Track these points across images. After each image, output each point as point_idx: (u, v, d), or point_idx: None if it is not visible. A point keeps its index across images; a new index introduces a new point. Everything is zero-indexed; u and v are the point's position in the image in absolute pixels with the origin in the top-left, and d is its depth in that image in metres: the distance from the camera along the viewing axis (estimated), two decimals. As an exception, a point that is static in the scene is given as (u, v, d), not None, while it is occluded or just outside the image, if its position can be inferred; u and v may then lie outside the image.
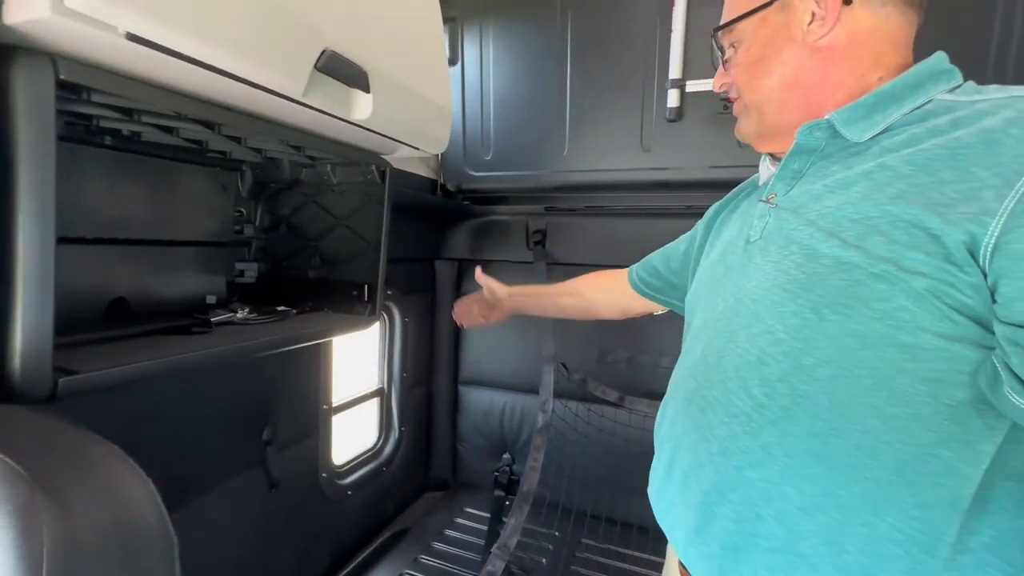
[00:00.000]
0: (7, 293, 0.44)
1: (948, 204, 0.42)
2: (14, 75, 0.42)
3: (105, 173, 0.79)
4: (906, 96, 0.50)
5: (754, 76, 0.58)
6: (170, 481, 0.93)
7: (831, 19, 0.52)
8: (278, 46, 0.54)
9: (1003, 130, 0.42)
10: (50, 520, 0.28)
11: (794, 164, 0.56)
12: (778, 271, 0.52)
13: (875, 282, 0.45)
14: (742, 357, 0.54)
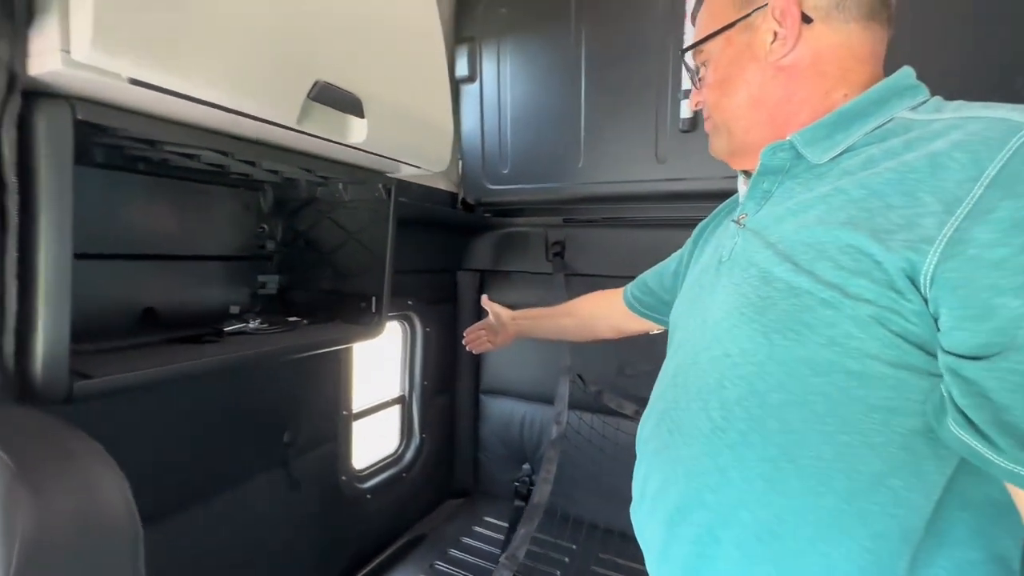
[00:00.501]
0: (30, 306, 0.51)
1: (892, 230, 0.41)
2: (37, 117, 0.49)
3: (140, 196, 0.88)
4: (869, 114, 0.49)
5: (721, 95, 0.59)
6: (198, 477, 1.00)
7: (792, 38, 0.51)
8: (268, 80, 0.59)
9: (948, 154, 0.41)
10: (26, 506, 0.32)
11: (763, 184, 0.56)
12: (737, 294, 0.52)
13: (823, 308, 0.44)
14: (703, 379, 0.54)
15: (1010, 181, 0.37)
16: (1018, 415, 0.36)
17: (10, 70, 0.45)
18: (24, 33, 0.45)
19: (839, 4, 0.51)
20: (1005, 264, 0.36)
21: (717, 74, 0.58)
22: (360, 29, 0.73)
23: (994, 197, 0.37)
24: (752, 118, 0.56)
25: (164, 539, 0.93)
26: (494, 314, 1.21)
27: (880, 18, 0.51)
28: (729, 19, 0.56)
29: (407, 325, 1.77)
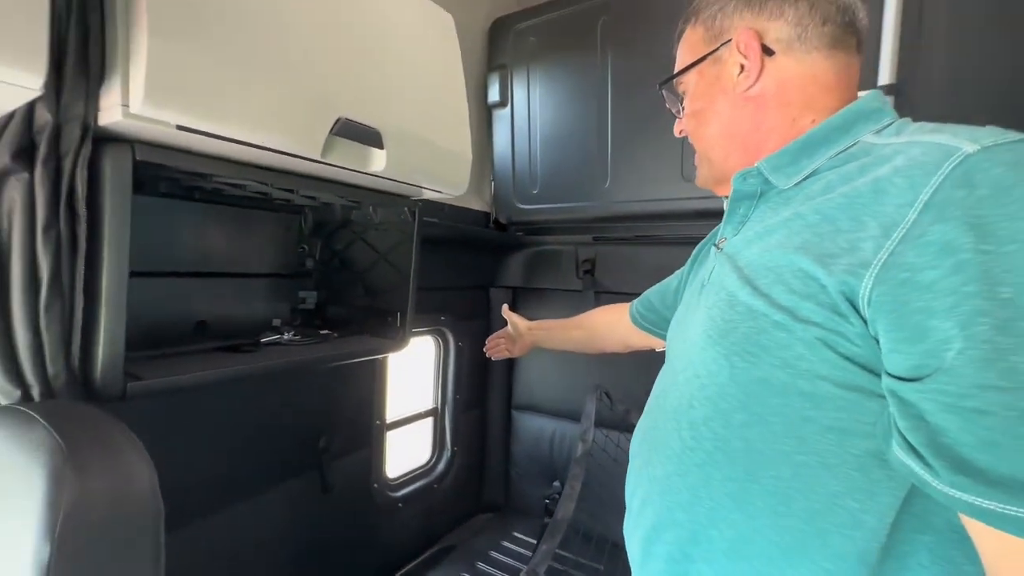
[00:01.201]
0: (93, 317, 0.60)
1: (836, 254, 0.42)
2: (104, 160, 0.59)
3: (196, 220, 0.99)
4: (832, 139, 0.50)
5: (698, 126, 0.61)
6: (239, 476, 1.09)
7: (755, 70, 0.54)
8: (295, 121, 0.67)
9: (889, 179, 0.41)
10: (70, 483, 0.39)
11: (739, 209, 0.58)
12: (708, 317, 0.53)
13: (776, 330, 0.45)
14: (678, 400, 0.55)
15: (941, 206, 0.37)
16: (952, 437, 0.36)
17: (84, 123, 0.55)
18: (96, 93, 0.55)
19: (800, 36, 0.52)
20: (935, 286, 0.36)
21: (693, 105, 0.61)
22: (381, 67, 0.81)
23: (925, 221, 0.37)
24: (727, 146, 0.58)
25: (205, 534, 1.02)
26: (512, 324, 1.28)
27: (845, 46, 0.53)
28: (700, 53, 0.59)
29: (440, 340, 1.83)
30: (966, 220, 0.36)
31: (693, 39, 0.61)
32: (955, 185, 0.37)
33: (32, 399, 0.55)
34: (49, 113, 0.52)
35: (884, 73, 1.11)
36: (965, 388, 0.35)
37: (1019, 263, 0.34)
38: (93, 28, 0.53)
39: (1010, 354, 0.34)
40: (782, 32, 0.53)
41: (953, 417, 0.36)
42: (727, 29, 0.56)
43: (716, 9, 0.58)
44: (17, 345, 0.53)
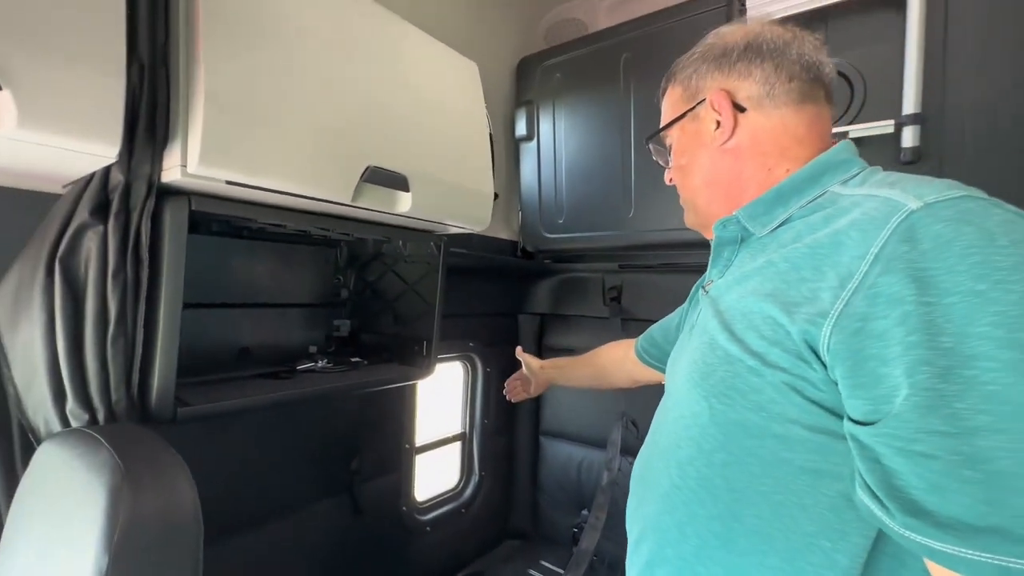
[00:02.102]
0: (151, 350, 0.68)
1: (799, 303, 0.44)
2: (165, 210, 0.67)
3: (243, 256, 1.09)
4: (803, 189, 0.53)
5: (683, 176, 0.66)
6: (274, 495, 1.16)
7: (729, 126, 0.58)
8: (328, 172, 0.74)
9: (846, 231, 0.44)
10: (127, 499, 0.45)
11: (723, 253, 0.61)
12: (692, 360, 0.56)
13: (750, 375, 0.47)
14: (668, 438, 0.58)
15: (888, 258, 0.39)
16: (903, 480, 0.37)
17: (150, 181, 0.63)
18: (160, 155, 0.63)
19: (769, 94, 0.56)
20: (885, 336, 0.38)
21: (678, 158, 0.66)
22: (409, 117, 0.88)
23: (875, 273, 0.40)
24: (710, 195, 0.62)
25: (242, 550, 1.08)
26: (526, 364, 1.31)
27: (813, 99, 0.56)
28: (680, 111, 0.64)
29: (468, 366, 1.88)
30: (909, 273, 0.38)
31: (674, 98, 0.66)
32: (900, 240, 0.39)
33: (98, 422, 0.63)
34: (121, 174, 0.61)
35: (908, 103, 1.10)
36: (911, 433, 0.36)
37: (958, 314, 0.36)
38: (160, 102, 0.62)
39: (953, 400, 0.35)
40: (751, 91, 0.57)
41: (904, 460, 0.37)
42: (702, 89, 0.61)
43: (691, 71, 0.62)
44: (88, 375, 0.61)
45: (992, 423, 0.34)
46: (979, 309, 0.35)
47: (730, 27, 0.62)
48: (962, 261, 0.36)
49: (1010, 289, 0.35)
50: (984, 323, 0.35)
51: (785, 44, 0.57)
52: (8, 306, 0.62)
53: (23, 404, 0.63)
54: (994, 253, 0.36)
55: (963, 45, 1.06)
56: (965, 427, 0.35)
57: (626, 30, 1.55)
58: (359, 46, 0.81)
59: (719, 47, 0.61)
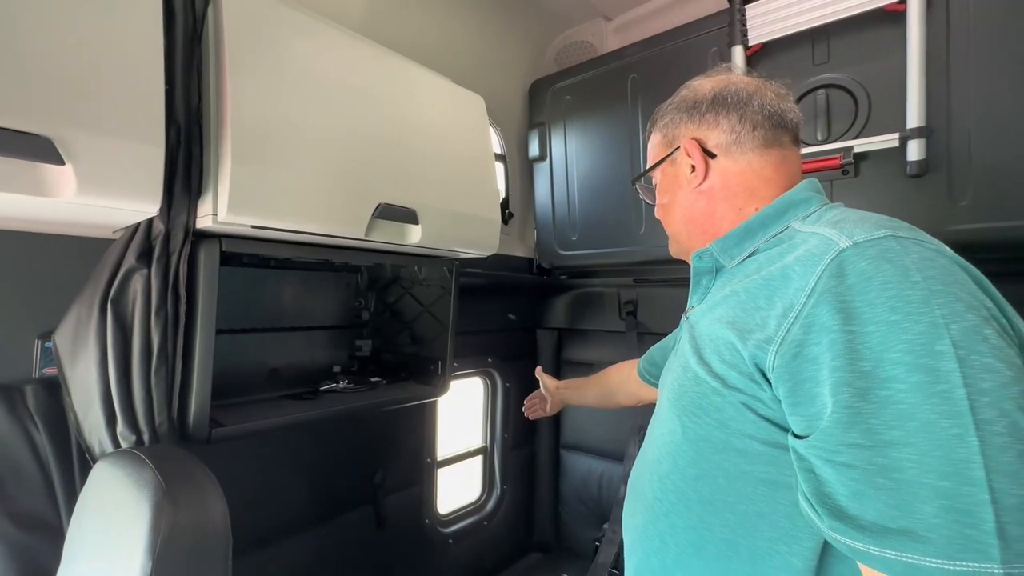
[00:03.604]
0: (188, 377, 0.76)
1: (752, 330, 0.49)
2: (199, 252, 0.75)
3: (271, 284, 1.18)
4: (768, 225, 0.59)
5: (666, 213, 0.72)
6: (300, 507, 1.23)
7: (701, 171, 0.64)
8: (343, 212, 0.82)
9: (791, 266, 0.48)
10: (167, 513, 0.52)
11: (702, 281, 0.65)
12: (671, 380, 0.61)
13: (713, 395, 0.52)
14: (652, 454, 0.62)
15: (821, 291, 0.44)
16: (831, 488, 0.41)
17: (186, 227, 0.72)
18: (194, 205, 0.72)
19: (736, 141, 0.62)
20: (817, 360, 0.42)
21: (661, 197, 0.72)
22: (417, 155, 0.95)
23: (810, 304, 0.44)
24: (689, 231, 0.68)
25: (270, 561, 1.15)
26: (543, 384, 1.38)
27: (778, 143, 0.62)
28: (660, 155, 0.70)
29: (488, 381, 1.93)
30: (836, 304, 0.42)
31: (655, 143, 0.73)
32: (831, 275, 0.44)
33: (143, 443, 0.71)
34: (162, 224, 0.70)
35: (912, 117, 1.10)
36: (835, 445, 0.41)
37: (875, 341, 0.40)
38: (195, 158, 0.70)
39: (870, 417, 0.39)
40: (720, 139, 0.63)
41: (830, 470, 0.41)
42: (677, 137, 0.67)
43: (668, 120, 0.69)
44: (135, 402, 0.69)
45: (902, 437, 0.38)
46: (893, 337, 0.39)
47: (701, 79, 0.69)
48: (881, 295, 0.41)
49: (918, 320, 0.39)
50: (896, 349, 0.39)
51: (748, 96, 0.62)
52: (69, 341, 0.71)
53: (81, 427, 0.72)
54: (907, 288, 0.41)
55: (965, 57, 1.06)
56: (879, 440, 0.39)
57: (633, 52, 1.60)
58: (370, 93, 0.88)
59: (690, 99, 0.67)
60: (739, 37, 1.32)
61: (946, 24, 1.08)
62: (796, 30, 1.24)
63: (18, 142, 0.51)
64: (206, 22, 0.72)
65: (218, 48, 0.71)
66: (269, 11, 0.77)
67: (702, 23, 1.45)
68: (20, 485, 0.73)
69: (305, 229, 0.78)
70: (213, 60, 0.72)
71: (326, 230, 0.81)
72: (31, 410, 0.74)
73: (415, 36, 1.31)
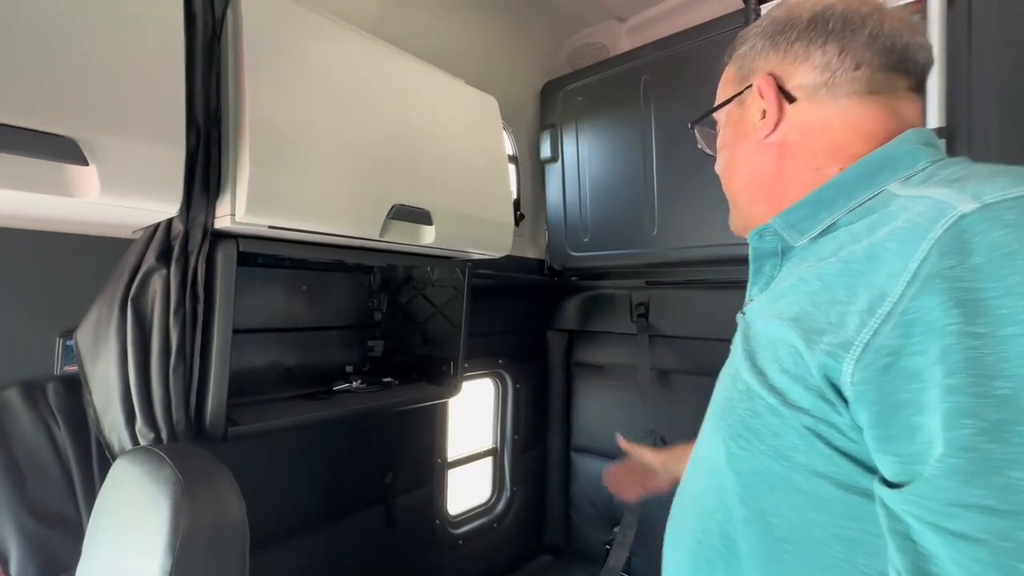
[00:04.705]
0: (205, 375, 0.76)
1: (823, 330, 0.37)
2: (217, 252, 0.76)
3: (285, 284, 1.19)
4: (852, 190, 0.45)
5: (724, 169, 0.58)
6: (313, 506, 1.24)
7: (773, 116, 0.50)
8: (358, 213, 0.82)
9: (883, 243, 0.36)
10: (187, 510, 0.53)
11: (764, 268, 0.52)
12: (718, 392, 0.50)
13: (769, 415, 0.40)
14: (695, 484, 0.51)
15: (930, 275, 0.31)
16: (941, 567, 0.29)
17: (204, 228, 0.73)
18: (212, 206, 0.73)
19: (828, 83, 0.47)
20: (921, 376, 0.30)
21: (721, 143, 0.58)
22: (431, 156, 0.95)
23: (911, 294, 0.32)
24: (751, 194, 0.54)
25: (283, 558, 1.16)
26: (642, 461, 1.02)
27: (888, 89, 0.46)
28: (729, 94, 0.56)
29: (498, 382, 1.93)
30: (953, 295, 0.30)
31: (727, 78, 0.57)
32: (944, 252, 0.31)
33: (161, 440, 0.72)
34: (181, 224, 0.71)
35: (932, 117, 1.08)
36: (947, 505, 0.29)
37: (1019, 351, 0.28)
38: (213, 159, 0.71)
39: (1006, 467, 0.27)
40: (806, 78, 0.48)
41: (938, 541, 0.29)
42: (753, 71, 0.52)
43: (748, 48, 0.54)
44: (154, 400, 0.70)
45: None
46: None
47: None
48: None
49: None
50: None
51: (860, 20, 0.46)
52: (90, 340, 0.72)
53: (101, 424, 0.73)
54: None
55: (987, 57, 1.04)
56: (1020, 504, 0.27)
57: (645, 53, 1.59)
58: (385, 94, 0.89)
59: (781, 20, 0.51)
60: (754, 37, 1.30)
61: (967, 21, 1.06)
62: (812, 30, 1.23)
63: (44, 143, 0.52)
64: (225, 24, 0.73)
65: (237, 50, 0.72)
66: (287, 13, 0.78)
67: (717, 23, 1.44)
68: (41, 481, 0.74)
69: (321, 229, 0.79)
70: (232, 62, 0.72)
71: (341, 231, 0.81)
72: (52, 407, 0.75)
73: (428, 37, 1.32)
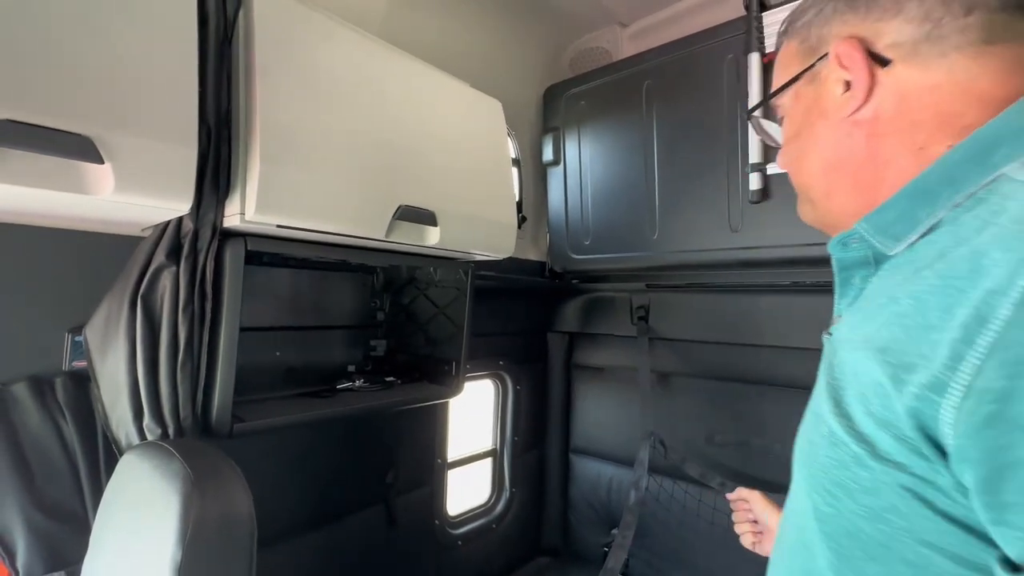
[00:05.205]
0: (212, 373, 0.77)
1: (912, 366, 0.30)
2: (225, 251, 0.77)
3: (289, 283, 1.20)
4: (965, 175, 0.35)
5: (794, 157, 0.50)
6: (316, 504, 1.24)
7: (863, 86, 0.41)
8: (364, 213, 0.83)
9: (986, 248, 0.29)
10: (196, 503, 0.53)
11: (853, 279, 0.44)
12: (801, 432, 0.42)
13: (857, 467, 0.33)
14: (788, 535, 0.44)
15: None
16: None
17: (214, 226, 0.74)
18: (222, 204, 0.74)
19: (929, 35, 0.38)
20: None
21: (788, 132, 0.51)
22: (437, 158, 0.97)
23: (1021, 321, 0.25)
24: (831, 183, 0.46)
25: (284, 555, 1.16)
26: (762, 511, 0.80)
27: (1015, 36, 0.37)
28: (795, 71, 0.48)
29: (499, 383, 1.94)
30: None
31: (787, 56, 0.50)
32: None
33: (168, 435, 0.73)
34: (191, 222, 0.72)
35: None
36: None
37: None
38: (223, 159, 0.72)
39: None
40: (902, 33, 0.40)
41: None
42: (825, 39, 0.45)
43: (811, 16, 0.46)
44: (161, 396, 0.71)
45: None
46: None
47: None
48: None
49: None
50: None
51: None
52: (99, 336, 0.73)
53: (108, 419, 0.74)
54: None
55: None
56: None
57: (648, 58, 1.61)
58: (392, 97, 0.90)
59: None
60: (756, 44, 1.32)
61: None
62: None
63: (62, 141, 0.53)
64: (236, 26, 0.74)
65: (248, 52, 0.73)
66: (296, 16, 0.79)
67: (718, 30, 1.46)
68: (48, 475, 0.75)
69: (329, 229, 0.80)
70: (242, 63, 0.73)
71: (348, 230, 0.82)
72: (60, 402, 0.76)
73: (434, 40, 1.33)
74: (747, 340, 1.54)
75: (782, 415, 1.50)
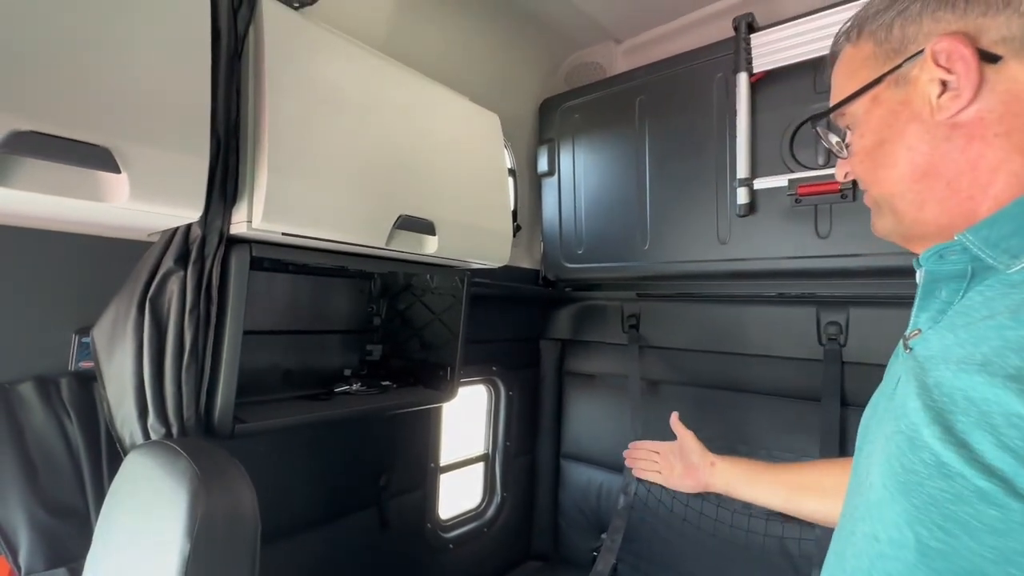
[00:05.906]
0: (216, 374, 0.80)
1: None
2: (231, 257, 0.80)
3: (288, 288, 1.22)
4: None
5: (875, 166, 0.46)
6: (311, 505, 1.26)
7: (969, 86, 0.39)
8: (366, 222, 0.86)
9: None
10: (203, 500, 0.56)
11: (940, 292, 0.41)
12: (886, 455, 0.39)
13: (982, 503, 0.31)
14: (857, 561, 0.41)
15: None
16: None
17: (221, 233, 0.76)
18: (229, 212, 0.76)
19: None
20: None
21: (866, 140, 0.47)
22: (436, 170, 1.00)
23: None
24: (923, 192, 0.43)
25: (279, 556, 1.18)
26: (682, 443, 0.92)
27: None
28: (872, 75, 0.45)
29: (491, 389, 1.96)
30: None
31: (857, 59, 0.48)
32: None
33: (172, 435, 0.75)
34: (199, 229, 0.74)
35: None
36: None
37: None
38: (231, 168, 0.75)
39: None
40: (1012, 26, 0.38)
41: None
42: (913, 38, 0.43)
43: (892, 15, 0.44)
44: (166, 396, 0.73)
45: None
46: None
47: None
48: None
49: None
50: None
51: None
52: (106, 337, 0.75)
53: (113, 418, 0.76)
54: None
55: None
56: None
57: (641, 74, 1.66)
58: (393, 110, 0.93)
59: None
60: (744, 64, 1.37)
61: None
62: (799, 60, 1.30)
63: (81, 152, 0.55)
64: (247, 42, 0.77)
65: (257, 66, 0.76)
66: (304, 33, 0.82)
67: (709, 49, 1.51)
68: (52, 473, 0.76)
69: (332, 237, 0.83)
70: (252, 77, 0.77)
71: (350, 239, 0.85)
72: (65, 401, 0.78)
73: (435, 56, 1.37)
74: (734, 349, 1.58)
75: (767, 422, 1.54)
